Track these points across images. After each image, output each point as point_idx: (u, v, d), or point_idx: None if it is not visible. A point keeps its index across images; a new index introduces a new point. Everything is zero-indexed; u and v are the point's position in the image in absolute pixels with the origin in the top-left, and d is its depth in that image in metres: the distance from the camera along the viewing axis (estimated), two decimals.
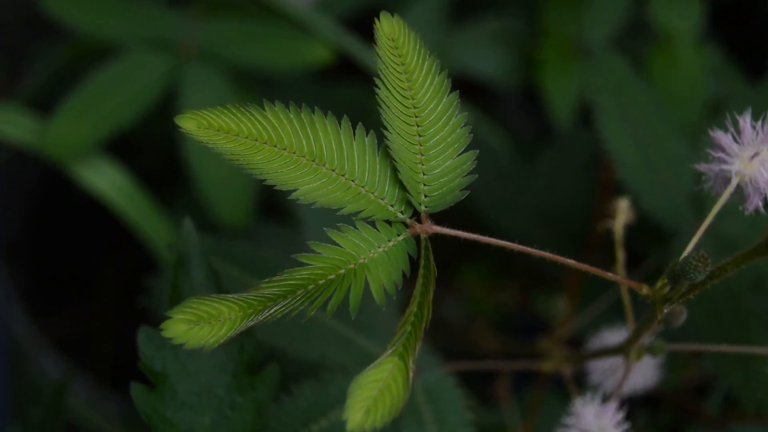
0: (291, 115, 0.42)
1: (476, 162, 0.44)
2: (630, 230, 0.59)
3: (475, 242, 0.43)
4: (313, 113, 0.42)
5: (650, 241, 0.74)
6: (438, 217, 0.43)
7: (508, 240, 0.44)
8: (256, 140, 0.41)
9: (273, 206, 0.91)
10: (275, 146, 0.41)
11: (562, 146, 0.90)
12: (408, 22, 0.44)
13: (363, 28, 0.47)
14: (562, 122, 0.89)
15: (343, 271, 0.40)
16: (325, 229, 0.41)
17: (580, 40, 0.91)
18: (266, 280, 0.40)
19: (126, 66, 0.83)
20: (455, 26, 0.94)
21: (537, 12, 0.94)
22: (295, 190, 0.41)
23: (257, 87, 0.89)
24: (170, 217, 0.84)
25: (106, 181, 0.83)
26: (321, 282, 0.40)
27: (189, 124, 0.41)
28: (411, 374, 0.39)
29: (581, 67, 0.89)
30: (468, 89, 0.88)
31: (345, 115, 0.42)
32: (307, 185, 0.41)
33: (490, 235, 0.43)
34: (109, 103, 0.81)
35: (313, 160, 0.42)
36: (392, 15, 0.43)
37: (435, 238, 0.43)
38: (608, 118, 0.69)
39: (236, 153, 0.41)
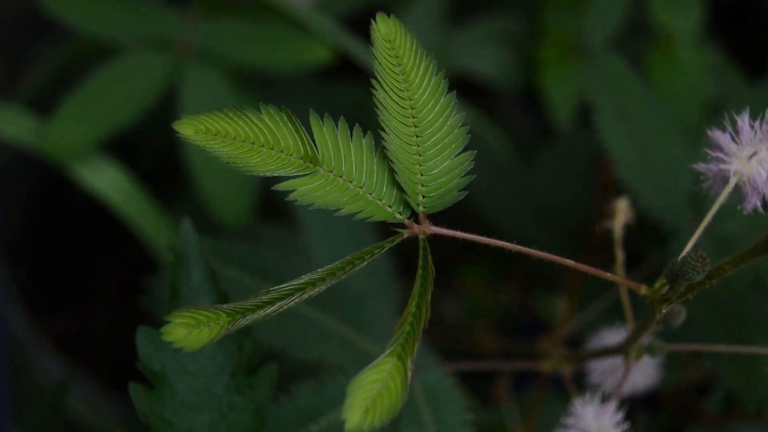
0: (287, 118, 0.42)
1: (476, 162, 0.43)
2: (629, 230, 0.59)
3: (474, 242, 0.43)
4: (310, 115, 0.42)
5: (650, 242, 0.74)
6: (437, 218, 0.43)
7: (508, 240, 0.43)
8: (253, 143, 0.41)
9: (272, 207, 0.91)
10: (272, 149, 0.41)
11: (562, 146, 0.90)
12: (407, 23, 0.44)
13: (363, 28, 0.47)
14: (562, 122, 0.89)
15: (343, 275, 0.40)
16: None
17: (580, 40, 0.91)
18: (263, 291, 0.40)
19: (126, 66, 0.83)
20: (455, 26, 0.94)
21: (537, 12, 0.94)
22: (292, 191, 0.41)
23: (257, 87, 0.89)
24: (170, 217, 0.84)
25: (106, 181, 0.83)
26: (318, 284, 0.40)
27: (186, 129, 0.41)
28: (409, 374, 0.39)
29: (581, 67, 0.89)
30: (468, 89, 0.88)
31: (342, 117, 0.42)
32: (305, 186, 0.41)
33: (490, 235, 0.43)
34: (109, 103, 0.81)
35: (311, 162, 0.42)
36: (391, 15, 0.43)
37: (434, 239, 0.43)
38: (607, 118, 0.69)
39: (234, 156, 0.41)
